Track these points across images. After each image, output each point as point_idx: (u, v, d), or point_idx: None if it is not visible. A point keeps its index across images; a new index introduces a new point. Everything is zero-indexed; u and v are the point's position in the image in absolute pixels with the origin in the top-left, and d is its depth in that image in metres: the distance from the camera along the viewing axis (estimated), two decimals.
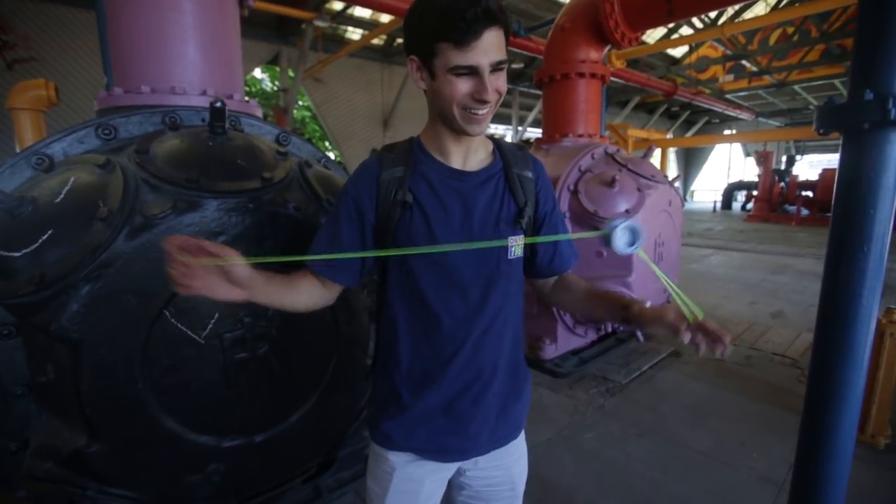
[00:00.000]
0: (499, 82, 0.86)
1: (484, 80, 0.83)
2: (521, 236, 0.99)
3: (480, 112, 0.87)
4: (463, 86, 0.84)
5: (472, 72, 0.83)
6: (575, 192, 3.17)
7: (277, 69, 10.57)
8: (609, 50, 3.61)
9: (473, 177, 0.97)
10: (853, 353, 1.14)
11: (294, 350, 1.49)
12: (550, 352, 3.43)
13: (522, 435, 1.12)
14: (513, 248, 0.98)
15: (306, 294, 0.97)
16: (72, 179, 1.23)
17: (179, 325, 1.26)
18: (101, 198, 1.19)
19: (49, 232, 1.14)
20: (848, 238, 1.12)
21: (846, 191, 1.12)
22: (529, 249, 1.03)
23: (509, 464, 1.08)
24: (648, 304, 0.91)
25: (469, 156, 0.98)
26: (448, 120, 0.90)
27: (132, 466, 1.26)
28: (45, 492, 1.22)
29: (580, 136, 3.61)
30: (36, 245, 1.13)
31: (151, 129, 1.52)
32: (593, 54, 3.48)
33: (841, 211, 1.14)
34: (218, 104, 1.33)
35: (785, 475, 2.19)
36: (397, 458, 1.00)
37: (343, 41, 10.81)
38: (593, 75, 3.51)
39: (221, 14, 1.77)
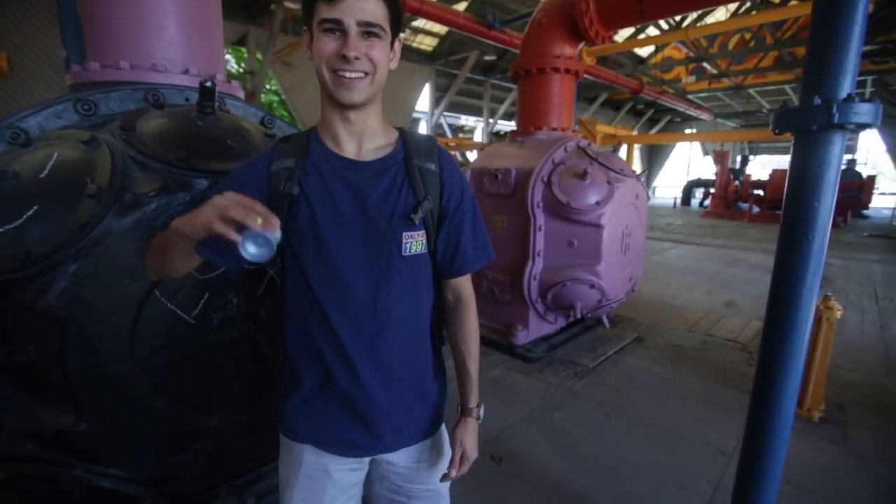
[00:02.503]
0: (372, 50, 0.84)
1: (348, 38, 0.82)
2: (420, 232, 0.94)
3: (349, 75, 0.84)
4: (330, 44, 0.83)
5: (339, 28, 0.82)
6: (549, 184, 3.28)
7: (244, 51, 10.19)
8: (583, 46, 3.73)
9: (368, 167, 0.93)
10: (797, 330, 1.28)
11: (280, 330, 1.51)
12: (522, 338, 3.56)
13: (440, 437, 1.10)
14: (407, 245, 0.93)
15: (185, 259, 0.89)
16: (55, 155, 1.20)
17: (169, 305, 1.26)
18: (88, 174, 1.17)
19: (34, 208, 1.11)
20: (796, 227, 1.25)
21: (796, 185, 1.25)
22: (433, 245, 0.98)
23: (425, 463, 1.07)
24: (478, 418, 1.05)
25: (363, 143, 0.94)
26: (325, 87, 0.88)
27: (121, 445, 1.26)
28: (26, 472, 1.20)
29: (554, 129, 3.73)
30: (20, 221, 1.10)
31: (133, 107, 1.49)
32: (568, 50, 3.59)
33: (791, 203, 1.27)
34: (209, 84, 1.32)
35: (735, 446, 2.40)
36: (303, 449, 1.00)
37: None
38: (567, 70, 3.62)
39: None
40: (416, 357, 1.02)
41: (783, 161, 24.29)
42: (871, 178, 15.55)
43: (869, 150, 23.36)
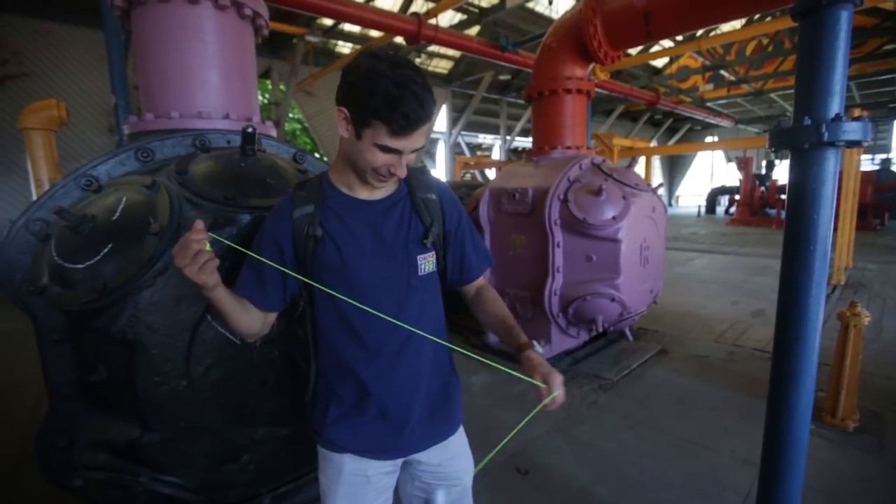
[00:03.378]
0: (412, 157, 1.00)
1: (402, 160, 0.97)
2: (431, 253, 1.10)
3: (389, 178, 1.01)
4: (383, 158, 0.96)
5: (396, 152, 0.96)
6: (565, 201, 3.37)
7: (269, 83, 10.74)
8: (593, 66, 3.84)
9: (378, 204, 1.08)
10: (806, 337, 1.34)
11: (313, 354, 1.65)
12: (545, 353, 3.60)
13: (461, 432, 1.24)
14: (422, 266, 1.09)
15: (252, 318, 1.07)
16: (124, 199, 1.38)
17: (219, 328, 1.41)
18: (150, 215, 1.35)
19: (109, 246, 1.29)
20: (798, 239, 1.32)
21: (795, 200, 1.32)
22: (442, 262, 1.15)
23: (452, 459, 1.19)
24: (538, 350, 1.07)
25: (375, 188, 1.08)
26: (359, 173, 1.03)
27: (179, 455, 1.40)
28: (100, 480, 1.35)
29: (568, 147, 3.83)
30: (98, 258, 1.28)
31: (183, 152, 1.68)
32: (578, 71, 3.71)
33: (792, 216, 1.34)
34: (250, 129, 1.49)
35: None
36: (342, 458, 1.11)
37: (334, 55, 11.04)
38: (579, 91, 3.74)
39: (240, 43, 1.94)
40: (437, 360, 1.17)
41: None
42: None
43: None
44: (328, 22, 9.47)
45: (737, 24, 10.11)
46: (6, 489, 2.22)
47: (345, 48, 11.12)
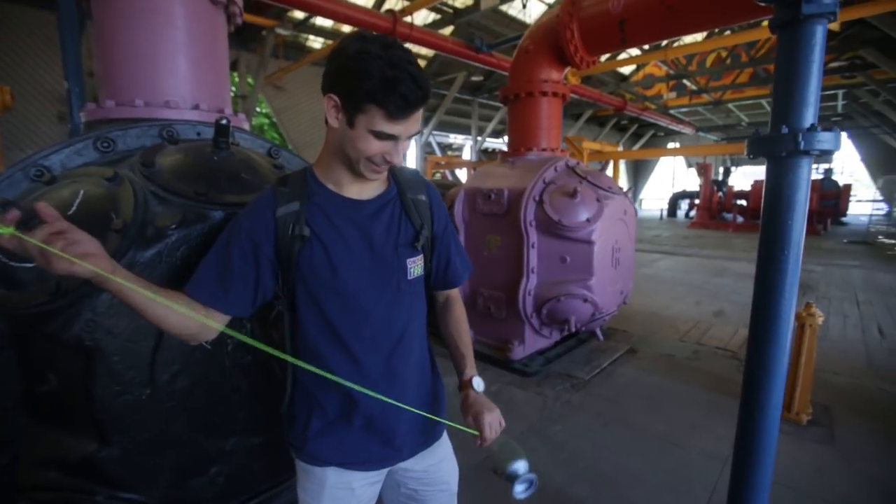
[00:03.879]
0: (406, 144, 0.95)
1: (398, 147, 0.92)
2: (420, 256, 1.06)
3: (384, 167, 0.96)
4: (378, 146, 0.90)
5: (392, 138, 0.91)
6: (540, 203, 3.40)
7: (235, 75, 10.35)
8: (569, 70, 3.90)
9: (368, 205, 1.02)
10: (779, 337, 1.38)
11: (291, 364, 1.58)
12: (518, 353, 3.63)
13: (446, 436, 1.21)
14: (411, 269, 1.04)
15: (180, 314, 0.88)
16: (82, 192, 1.27)
17: None
18: (112, 210, 1.24)
19: None
20: (773, 243, 1.36)
21: (771, 205, 1.36)
22: (428, 265, 1.11)
23: (437, 464, 1.16)
24: (478, 388, 1.08)
25: (364, 186, 1.02)
26: (351, 165, 0.96)
27: (141, 470, 1.30)
28: (50, 501, 1.23)
29: (543, 149, 3.87)
30: None
31: (149, 143, 1.57)
32: (554, 75, 3.76)
33: (766, 222, 1.38)
34: (224, 121, 1.41)
35: (728, 451, 2.48)
36: (325, 471, 1.04)
37: (305, 49, 10.77)
38: (555, 94, 3.79)
39: (211, 30, 1.84)
40: (423, 366, 1.13)
41: (763, 172, 24.97)
42: (848, 187, 16.08)
43: (844, 159, 24.16)
44: (300, 15, 9.24)
45: (699, 36, 10.61)
46: None
47: (316, 43, 10.87)
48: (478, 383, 1.10)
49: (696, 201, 17.76)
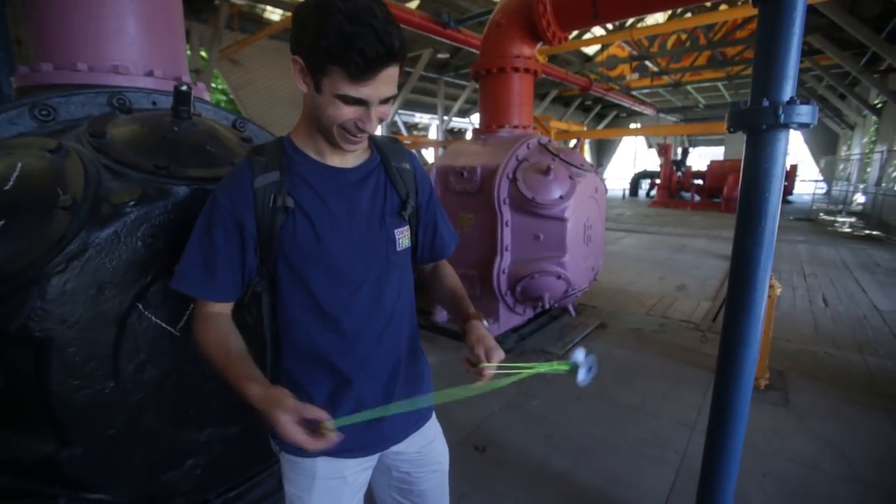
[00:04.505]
0: (383, 110, 0.85)
1: (370, 112, 0.82)
2: (407, 227, 1.01)
3: (359, 136, 0.87)
4: (348, 112, 0.82)
5: (361, 102, 0.81)
6: (514, 180, 3.38)
7: (188, 47, 9.66)
8: (540, 46, 3.85)
9: (352, 173, 0.96)
10: (755, 306, 1.43)
11: (272, 350, 1.49)
12: (493, 331, 3.66)
13: (435, 416, 1.18)
14: (400, 240, 0.99)
15: (232, 327, 0.94)
16: (19, 165, 1.12)
17: (154, 319, 1.22)
18: (58, 185, 1.11)
19: (1, 223, 1.04)
20: (751, 216, 1.39)
21: (749, 178, 1.39)
22: (413, 237, 1.06)
23: (429, 444, 1.13)
24: (484, 324, 1.02)
25: (347, 154, 0.95)
26: (325, 133, 0.89)
27: (108, 468, 1.20)
28: None
29: (515, 126, 3.84)
30: None
31: (97, 112, 1.42)
32: (527, 50, 3.70)
33: (745, 194, 1.41)
34: (184, 87, 1.28)
35: (696, 417, 2.61)
36: (314, 462, 0.98)
37: (262, 21, 10.16)
38: (527, 70, 3.74)
39: None
40: (412, 345, 1.09)
41: (718, 152, 26.09)
42: (794, 167, 17.05)
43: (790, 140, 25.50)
44: None
45: (660, 17, 10.78)
46: None
47: (274, 14, 10.26)
48: (484, 322, 1.06)
49: (657, 181, 18.37)
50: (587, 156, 26.31)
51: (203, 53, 9.39)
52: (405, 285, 1.05)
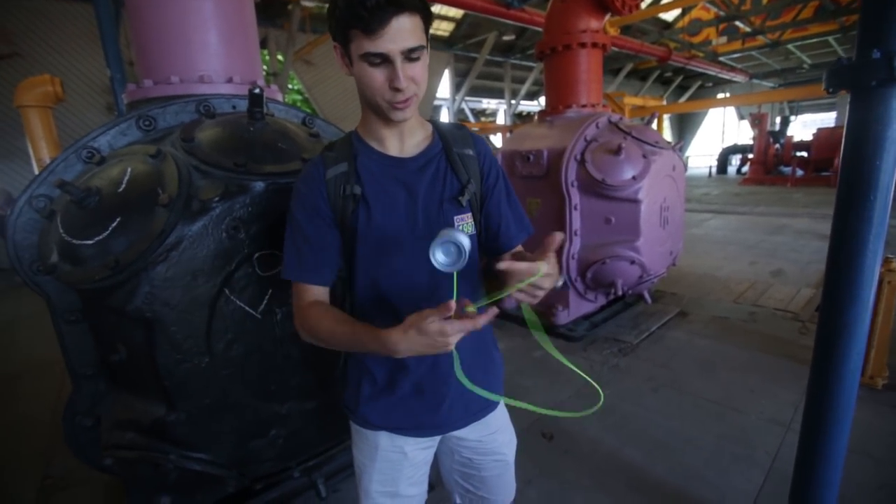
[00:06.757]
0: (414, 70, 0.84)
1: (396, 69, 0.82)
2: (468, 214, 0.99)
3: (399, 99, 0.86)
4: (378, 75, 0.84)
5: (385, 59, 0.82)
6: (582, 162, 3.24)
7: (265, 53, 10.40)
8: (609, 17, 3.62)
9: (411, 162, 0.98)
10: (861, 293, 1.25)
11: None
12: (563, 317, 3.56)
13: (502, 406, 1.16)
14: (460, 227, 0.98)
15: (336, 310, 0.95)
16: (129, 170, 1.30)
17: (238, 302, 1.36)
18: (158, 185, 1.27)
19: (117, 220, 1.22)
20: (856, 188, 1.21)
21: (854, 144, 1.21)
22: (477, 225, 1.03)
23: (492, 434, 1.12)
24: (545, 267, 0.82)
25: (405, 140, 0.98)
26: (374, 107, 0.91)
27: (206, 432, 1.38)
28: (131, 458, 1.33)
29: (583, 106, 3.66)
30: (107, 233, 1.21)
31: (187, 119, 1.58)
32: (594, 23, 3.50)
33: (849, 163, 1.23)
34: (257, 91, 1.39)
35: (791, 416, 2.35)
36: (377, 435, 1.05)
37: None
38: (594, 45, 3.53)
39: (238, 1, 1.80)
40: (476, 333, 1.06)
41: (827, 119, 22.81)
42: None
43: None
44: None
45: None
46: (40, 466, 2.25)
47: None
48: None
49: (750, 156, 16.52)
50: (666, 133, 24.34)
51: (280, 57, 10.03)
52: (470, 274, 1.03)
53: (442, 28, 13.03)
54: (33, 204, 1.35)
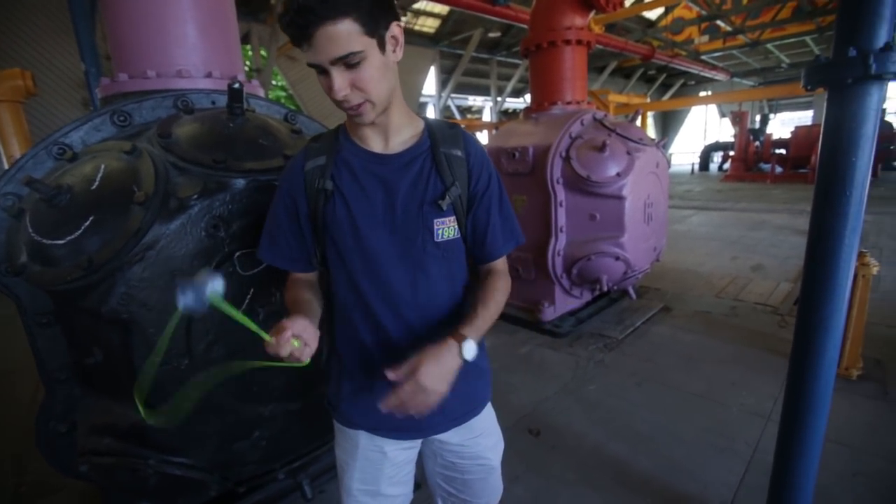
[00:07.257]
0: (359, 80, 0.81)
1: (331, 79, 0.80)
2: (451, 218, 0.95)
3: (346, 107, 0.85)
4: (324, 82, 0.83)
5: (322, 69, 0.81)
6: (567, 159, 3.25)
7: (248, 48, 10.21)
8: (593, 15, 3.64)
9: (395, 159, 0.95)
10: (837, 287, 1.28)
11: (325, 323, 1.57)
12: (549, 314, 3.59)
13: (488, 410, 1.14)
14: (440, 231, 0.94)
15: (317, 295, 1.01)
16: (103, 166, 1.26)
17: None
18: (134, 183, 1.23)
19: (91, 218, 1.18)
20: (832, 184, 1.23)
21: (830, 141, 1.23)
22: (463, 229, 0.98)
23: (475, 438, 1.09)
24: (464, 355, 0.87)
25: (390, 137, 0.95)
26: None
27: (187, 436, 1.35)
28: (108, 465, 1.29)
29: (568, 103, 3.67)
30: (79, 232, 1.16)
31: (164, 114, 1.54)
32: (578, 21, 3.51)
33: (826, 159, 1.25)
34: (236, 85, 1.35)
35: (771, 408, 2.41)
36: (357, 434, 1.04)
37: None
38: (579, 42, 3.55)
39: None
40: None
41: (805, 117, 23.35)
42: None
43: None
44: None
45: None
46: (14, 473, 2.18)
47: None
48: (468, 349, 0.88)
49: (731, 153, 16.84)
50: (650, 130, 24.65)
51: (263, 52, 9.86)
52: (447, 279, 0.99)
53: (428, 25, 12.96)
54: (0, 202, 1.30)
